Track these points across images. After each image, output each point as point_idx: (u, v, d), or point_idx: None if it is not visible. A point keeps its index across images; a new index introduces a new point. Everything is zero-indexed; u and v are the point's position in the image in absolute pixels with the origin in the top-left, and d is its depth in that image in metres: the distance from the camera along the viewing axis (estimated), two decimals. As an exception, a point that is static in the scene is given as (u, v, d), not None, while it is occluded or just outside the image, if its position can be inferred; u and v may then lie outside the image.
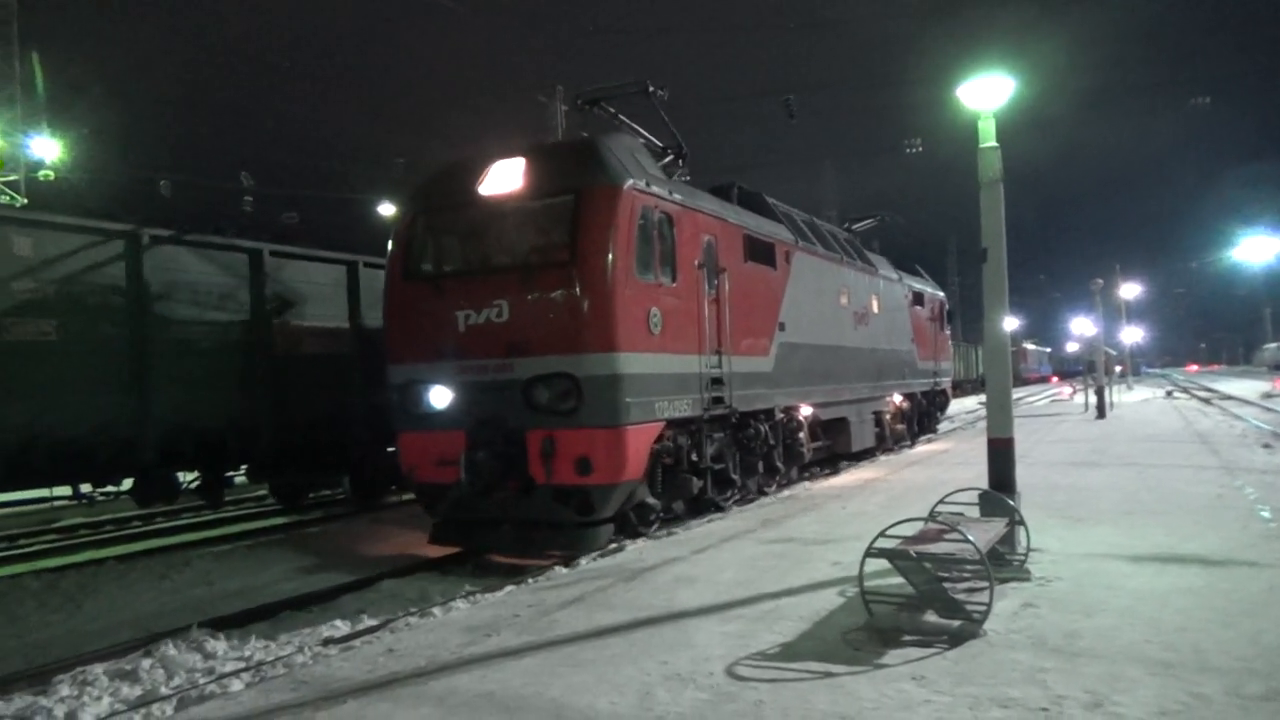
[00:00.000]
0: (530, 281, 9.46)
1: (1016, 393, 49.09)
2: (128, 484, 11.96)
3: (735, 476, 11.89)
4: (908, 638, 5.60)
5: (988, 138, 7.99)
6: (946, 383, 24.80)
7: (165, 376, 11.23)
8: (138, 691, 6.33)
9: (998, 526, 6.91)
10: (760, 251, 12.80)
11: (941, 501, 7.60)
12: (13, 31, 31.99)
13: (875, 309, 18.14)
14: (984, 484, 7.95)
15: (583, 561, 8.88)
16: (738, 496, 12.19)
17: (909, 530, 6.29)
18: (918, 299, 21.96)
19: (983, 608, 5.74)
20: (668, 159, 12.38)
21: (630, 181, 9.64)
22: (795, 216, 15.35)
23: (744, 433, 12.06)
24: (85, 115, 34.87)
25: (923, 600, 6.07)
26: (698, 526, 10.48)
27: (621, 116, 12.06)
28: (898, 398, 19.69)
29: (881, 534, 6.01)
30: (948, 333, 25.82)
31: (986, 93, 7.93)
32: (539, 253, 9.84)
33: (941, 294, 25.20)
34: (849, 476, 14.76)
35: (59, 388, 10.23)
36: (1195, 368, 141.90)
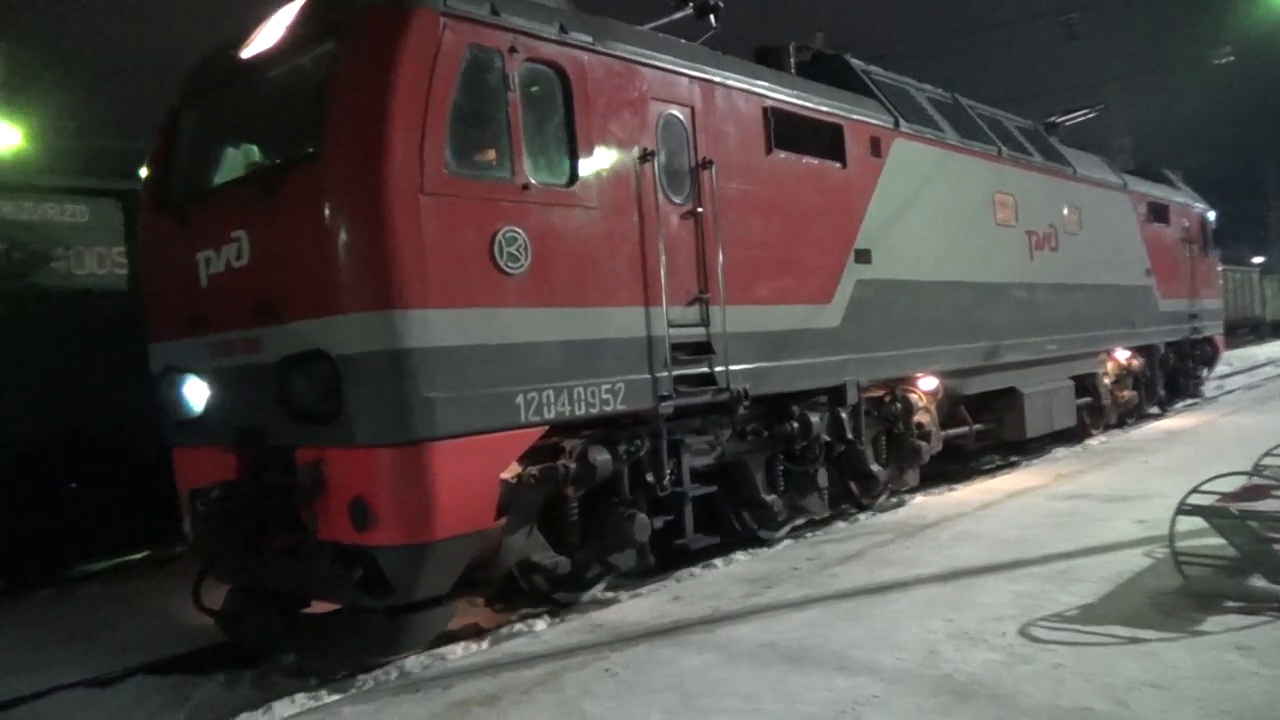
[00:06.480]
0: (271, 196, 5.75)
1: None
2: None
3: (770, 498, 7.99)
4: (1229, 604, 5.11)
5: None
6: (1214, 329, 18.24)
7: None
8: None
9: (1341, 482, 6.08)
10: (809, 136, 8.39)
11: (1269, 454, 6.80)
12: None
13: (1074, 227, 12.94)
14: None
15: (861, 517, 8.80)
16: (799, 523, 8.40)
17: (1226, 486, 5.70)
18: (1157, 213, 15.95)
19: (1324, 573, 5.10)
20: (685, 11, 8.81)
21: (436, 2, 5.60)
22: (910, 90, 10.65)
23: (779, 428, 7.91)
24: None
25: (1247, 563, 5.47)
26: (966, 486, 10.05)
27: None
28: (1122, 354, 14.44)
29: (1194, 490, 5.49)
30: (1214, 258, 18.93)
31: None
32: (284, 146, 6.24)
33: (1200, 205, 18.30)
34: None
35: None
36: None
